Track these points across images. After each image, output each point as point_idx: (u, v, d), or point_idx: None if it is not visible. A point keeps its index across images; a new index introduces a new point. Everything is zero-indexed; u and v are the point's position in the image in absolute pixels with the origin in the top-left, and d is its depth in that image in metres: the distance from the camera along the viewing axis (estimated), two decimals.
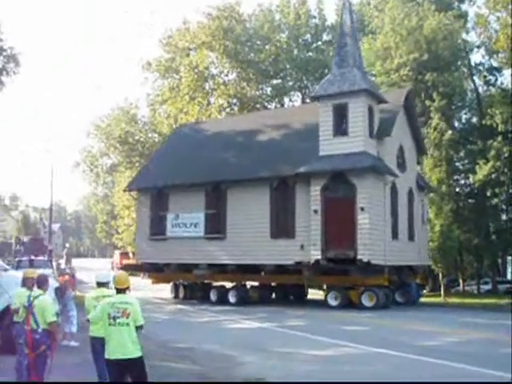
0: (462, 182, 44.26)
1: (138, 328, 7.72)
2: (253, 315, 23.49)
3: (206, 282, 30.95)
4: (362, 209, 25.25)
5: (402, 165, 29.33)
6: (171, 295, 32.76)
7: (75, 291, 17.69)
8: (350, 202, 25.57)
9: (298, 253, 26.80)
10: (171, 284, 33.07)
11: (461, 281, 43.61)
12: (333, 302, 25.81)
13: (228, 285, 30.15)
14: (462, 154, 43.01)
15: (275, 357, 14.10)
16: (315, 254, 26.11)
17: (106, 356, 7.71)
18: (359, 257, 25.06)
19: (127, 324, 7.64)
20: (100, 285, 9.51)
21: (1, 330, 13.64)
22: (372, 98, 27.37)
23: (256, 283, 30.83)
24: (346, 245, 25.46)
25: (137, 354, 7.64)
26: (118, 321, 7.66)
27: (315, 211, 26.35)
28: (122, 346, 7.57)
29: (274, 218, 28.12)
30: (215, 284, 30.76)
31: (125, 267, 34.17)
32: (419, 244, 30.88)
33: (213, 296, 29.57)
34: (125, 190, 41.55)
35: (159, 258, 31.75)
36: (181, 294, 31.96)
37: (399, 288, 28.57)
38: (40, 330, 8.83)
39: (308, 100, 58.49)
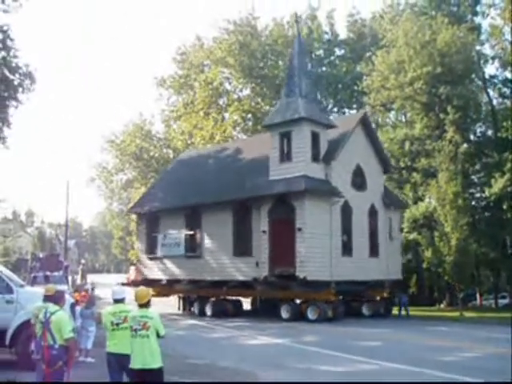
0: (478, 195, 43.91)
1: (160, 337, 8.19)
2: (268, 331, 23.43)
3: (201, 295, 32.56)
4: (300, 229, 27.32)
5: (360, 184, 31.16)
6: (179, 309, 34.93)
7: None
8: (290, 223, 27.71)
9: (254, 269, 29.26)
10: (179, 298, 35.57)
11: (478, 295, 43.23)
12: (285, 315, 27.44)
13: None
14: (477, 167, 42.75)
15: (291, 372, 14.04)
16: (264, 271, 28.61)
17: (130, 365, 8.17)
18: (297, 273, 27.16)
19: (147, 336, 8.08)
20: (116, 301, 9.51)
21: (17, 346, 13.69)
22: (316, 125, 29.11)
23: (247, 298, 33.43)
24: (288, 262, 27.59)
25: (156, 364, 8.04)
26: (138, 333, 8.11)
27: (264, 232, 28.87)
28: (142, 356, 8.02)
29: (236, 238, 30.88)
30: (203, 298, 32.23)
31: (130, 283, 35.77)
32: (386, 259, 32.09)
33: (195, 309, 31.79)
34: (125, 214, 41.93)
35: (154, 274, 35.25)
36: (181, 308, 34.58)
37: (366, 301, 30.61)
38: (57, 346, 8.84)
39: None
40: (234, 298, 32.01)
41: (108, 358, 9.16)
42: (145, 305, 8.37)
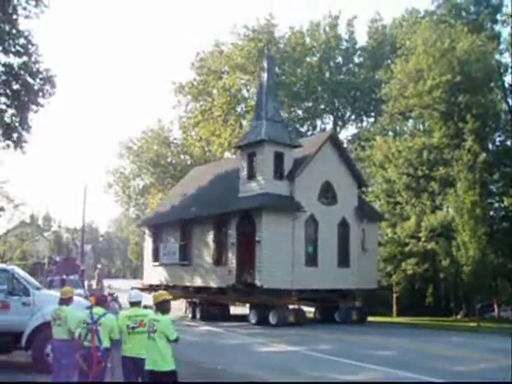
0: (496, 205, 43.48)
1: (171, 341, 8.20)
2: (283, 338, 23.38)
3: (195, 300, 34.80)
4: (259, 242, 29.69)
5: (328, 199, 32.94)
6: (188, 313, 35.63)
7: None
8: (253, 236, 30.12)
9: (228, 277, 31.60)
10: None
11: (496, 306, 42.77)
12: (253, 320, 29.83)
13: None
14: (495, 176, 42.32)
15: (305, 380, 13.98)
16: (232, 279, 31.18)
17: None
18: (256, 282, 29.56)
19: (153, 339, 8.16)
20: (133, 304, 9.54)
21: (33, 349, 13.73)
22: (279, 146, 31.47)
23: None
24: (250, 272, 30.18)
25: (165, 367, 8.06)
26: (151, 335, 8.22)
27: (232, 244, 31.65)
28: (153, 358, 8.12)
29: (216, 249, 33.51)
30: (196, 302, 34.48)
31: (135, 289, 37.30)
32: (359, 270, 33.30)
33: (188, 312, 34.45)
34: (137, 226, 51.96)
35: (157, 280, 38.07)
36: (187, 311, 35.61)
37: (337, 308, 31.98)
38: (102, 348, 9.36)
39: (339, 123, 58.81)
40: (221, 302, 34.14)
41: (123, 361, 9.19)
42: (157, 306, 8.50)
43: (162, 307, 8.45)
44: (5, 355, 14.57)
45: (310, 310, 34.40)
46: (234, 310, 35.73)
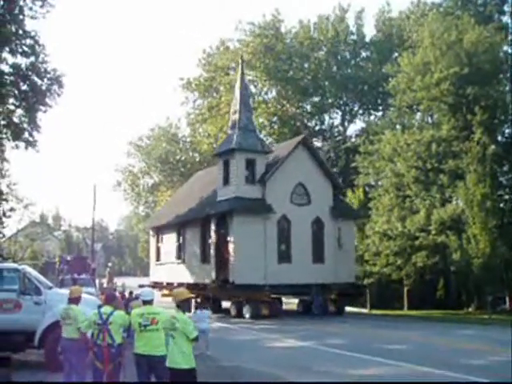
0: (507, 197, 43.20)
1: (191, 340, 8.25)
2: (294, 333, 23.44)
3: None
4: (230, 241, 32.20)
5: (302, 199, 34.70)
6: None
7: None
8: (227, 236, 32.78)
9: (211, 274, 34.14)
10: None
11: (507, 298, 42.59)
12: (233, 312, 32.06)
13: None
14: (505, 168, 42.08)
15: (318, 375, 13.98)
16: (212, 276, 33.88)
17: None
18: (230, 278, 31.95)
19: (173, 337, 8.19)
20: (145, 302, 9.58)
21: (45, 347, 13.81)
22: (251, 153, 33.67)
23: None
24: (225, 269, 32.69)
25: (184, 365, 8.04)
26: (171, 333, 8.22)
27: (211, 243, 34.38)
28: (172, 356, 8.11)
29: (202, 248, 36.15)
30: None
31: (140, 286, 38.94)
32: (335, 265, 34.57)
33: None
34: (144, 229, 54.20)
35: (160, 278, 41.33)
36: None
37: (315, 301, 32.74)
38: (116, 345, 9.55)
39: (347, 117, 58.68)
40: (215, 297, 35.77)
41: (136, 359, 9.24)
42: (177, 304, 8.59)
43: (182, 305, 8.51)
44: (18, 354, 14.66)
45: (294, 302, 37.09)
46: (225, 304, 35.98)
